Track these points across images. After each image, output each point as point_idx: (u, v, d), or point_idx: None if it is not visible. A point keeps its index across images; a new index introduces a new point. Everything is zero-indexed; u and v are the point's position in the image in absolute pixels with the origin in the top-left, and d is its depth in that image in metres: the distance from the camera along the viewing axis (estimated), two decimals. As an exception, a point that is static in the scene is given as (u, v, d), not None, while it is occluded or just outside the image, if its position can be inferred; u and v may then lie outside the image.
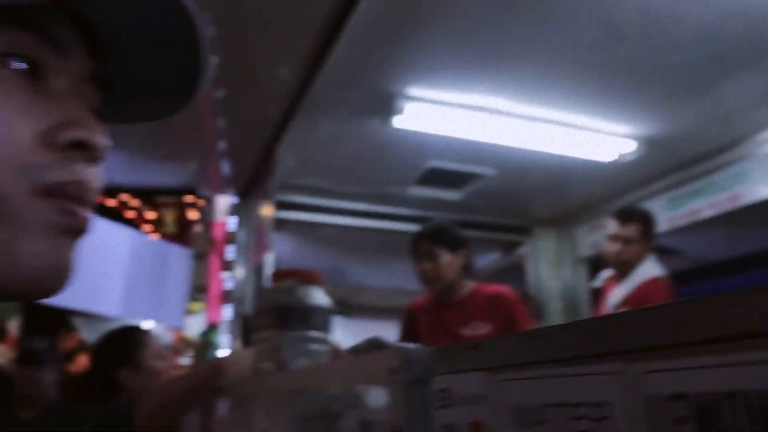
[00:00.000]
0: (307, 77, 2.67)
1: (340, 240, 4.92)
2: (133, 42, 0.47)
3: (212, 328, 2.23)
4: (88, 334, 5.44)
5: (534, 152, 3.36)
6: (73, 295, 2.98)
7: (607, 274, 2.73)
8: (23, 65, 0.40)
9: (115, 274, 3.21)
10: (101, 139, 0.42)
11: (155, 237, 4.22)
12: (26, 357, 2.84)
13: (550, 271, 4.58)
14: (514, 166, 3.64)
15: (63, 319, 4.18)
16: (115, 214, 3.77)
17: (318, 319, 1.30)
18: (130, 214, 4.45)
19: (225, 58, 2.48)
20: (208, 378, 1.32)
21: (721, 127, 3.21)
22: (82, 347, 6.25)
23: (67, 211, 0.40)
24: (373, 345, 0.61)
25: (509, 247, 4.95)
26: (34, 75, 0.41)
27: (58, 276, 0.42)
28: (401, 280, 6.33)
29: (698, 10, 2.28)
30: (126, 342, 1.74)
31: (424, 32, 2.44)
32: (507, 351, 0.43)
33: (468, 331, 2.35)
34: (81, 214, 0.41)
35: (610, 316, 0.35)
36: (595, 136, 3.20)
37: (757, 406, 0.27)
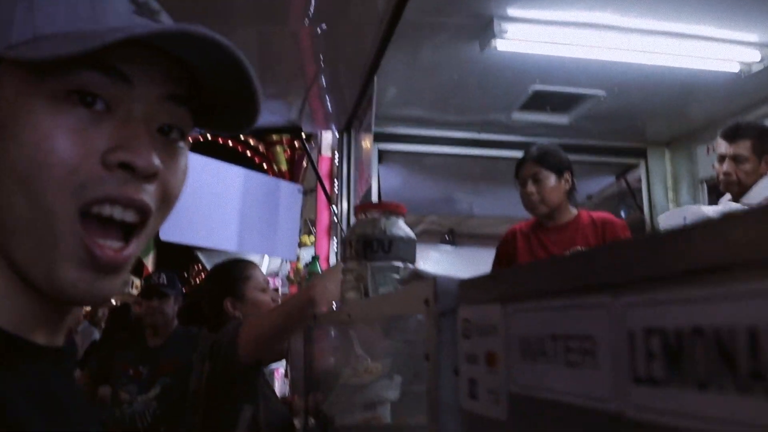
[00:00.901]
0: (401, 5, 2.61)
1: (445, 169, 4.90)
2: (205, 70, 0.55)
3: (315, 259, 2.35)
4: (211, 265, 5.95)
5: (646, 68, 3.09)
6: (194, 233, 3.25)
7: (727, 198, 2.54)
8: (88, 99, 0.48)
9: (230, 212, 3.43)
10: (144, 161, 0.48)
11: (268, 174, 4.43)
12: (150, 291, 3.12)
13: (668, 193, 4.30)
14: (625, 84, 3.39)
15: (191, 254, 4.59)
16: (233, 154, 3.99)
17: (400, 249, 1.33)
18: (247, 153, 4.69)
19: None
20: (300, 308, 1.43)
21: None
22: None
23: (94, 249, 0.47)
24: (415, 276, 0.62)
25: (623, 171, 4.68)
26: (98, 105, 0.48)
27: (91, 300, 0.49)
28: (508, 207, 6.24)
29: None
30: (230, 275, 1.86)
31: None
32: (517, 283, 0.42)
33: None
34: (107, 251, 0.48)
35: (603, 248, 0.34)
36: (714, 46, 2.86)
37: (721, 342, 0.25)
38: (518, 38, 2.82)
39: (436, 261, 6.93)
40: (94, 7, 0.48)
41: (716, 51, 2.90)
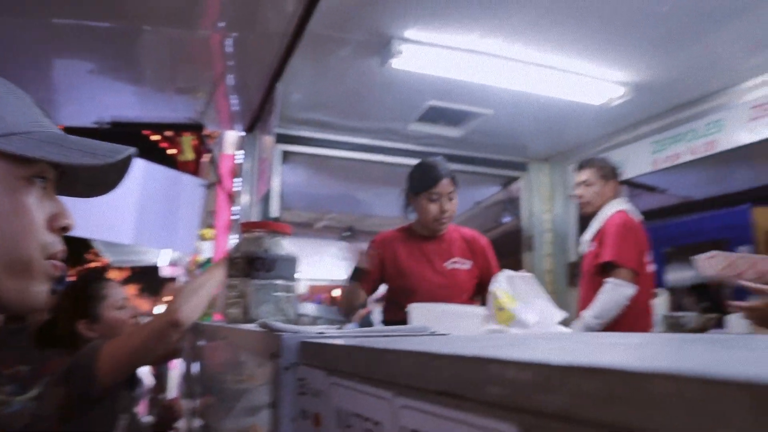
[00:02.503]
0: (307, 17, 2.63)
1: (347, 171, 4.95)
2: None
3: (208, 261, 2.31)
4: (112, 257, 5.69)
5: (530, 94, 3.31)
6: (90, 225, 3.08)
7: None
8: (42, 181, 0.67)
9: (128, 204, 3.29)
10: (73, 222, 0.70)
11: (176, 161, 4.27)
12: None
13: (543, 205, 4.60)
14: (510, 106, 3.59)
15: (88, 246, 4.36)
16: (139, 139, 3.81)
17: (282, 268, 1.36)
18: (150, 146, 4.49)
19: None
20: (163, 330, 1.37)
21: (703, 76, 3.14)
22: (108, 267, 6.49)
23: (57, 268, 0.68)
24: (264, 326, 0.66)
25: (507, 182, 4.94)
26: (44, 184, 0.67)
27: (44, 302, 0.68)
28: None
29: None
30: (84, 295, 1.72)
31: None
32: (338, 359, 0.47)
33: (451, 265, 2.40)
34: (61, 268, 0.69)
35: (390, 352, 0.39)
36: (586, 81, 3.13)
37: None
38: (414, 58, 2.91)
39: (335, 256, 6.99)
40: (33, 112, 0.68)
41: (587, 84, 3.15)
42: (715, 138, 3.25)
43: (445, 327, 1.68)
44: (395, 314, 2.32)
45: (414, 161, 4.28)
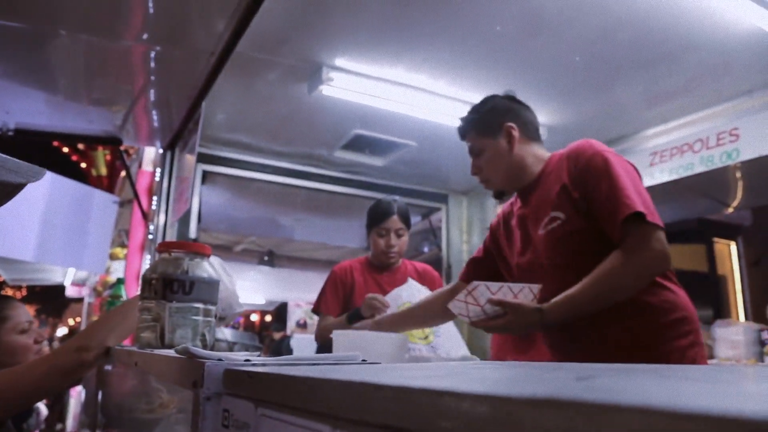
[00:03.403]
0: (235, 38, 2.58)
1: (269, 195, 4.87)
2: None
3: (119, 282, 2.18)
4: (6, 274, 5.24)
5: (451, 127, 3.38)
6: (-16, 238, 2.83)
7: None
8: None
9: (31, 218, 3.06)
10: None
11: (87, 175, 4.02)
12: None
13: (462, 235, 4.71)
14: (433, 138, 3.67)
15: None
16: (41, 158, 3.55)
17: (202, 291, 1.29)
18: (59, 158, 4.21)
19: (158, 9, 2.37)
20: (67, 364, 1.24)
21: (611, 122, 3.38)
22: (2, 285, 5.98)
23: None
24: (185, 353, 0.61)
25: (428, 212, 5.03)
26: None
27: None
28: (326, 235, 6.37)
29: (595, 13, 2.35)
30: None
31: (351, 5, 2.38)
32: (269, 388, 0.44)
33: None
34: None
35: (329, 383, 0.37)
36: (505, 120, 3.27)
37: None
38: (343, 87, 2.92)
39: (254, 280, 6.81)
40: None
41: (506, 123, 3.28)
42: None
43: (365, 350, 1.66)
44: None
45: (337, 188, 4.34)
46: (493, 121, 1.71)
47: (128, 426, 1.56)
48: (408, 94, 3.07)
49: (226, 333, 2.51)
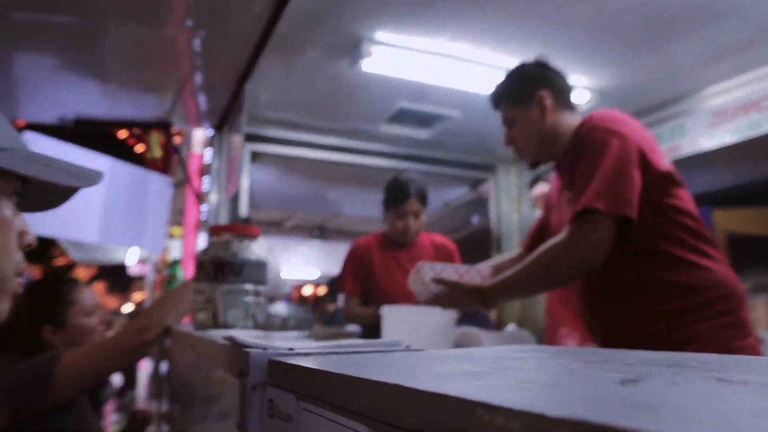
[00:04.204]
0: (275, 18, 2.58)
1: (317, 171, 4.90)
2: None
3: (175, 263, 2.25)
4: (78, 254, 5.51)
5: (497, 97, 3.31)
6: (54, 224, 2.97)
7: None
8: (16, 197, 0.66)
9: (94, 202, 3.19)
10: (35, 239, 0.70)
11: (143, 158, 4.15)
12: None
13: (511, 205, 4.63)
14: (479, 108, 3.58)
15: (52, 243, 4.22)
16: (101, 144, 3.70)
17: (251, 272, 1.32)
18: (117, 143, 4.36)
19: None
20: (130, 344, 1.30)
21: (666, 82, 3.20)
22: (73, 265, 6.31)
23: (21, 285, 0.68)
24: (231, 341, 0.62)
25: (476, 183, 4.96)
26: (17, 200, 0.66)
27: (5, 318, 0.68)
28: (374, 209, 6.39)
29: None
30: (52, 299, 1.59)
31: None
32: (310, 384, 0.44)
33: None
34: (21, 285, 0.68)
35: (366, 383, 0.36)
36: (553, 86, 3.15)
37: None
38: (384, 60, 2.88)
39: (306, 254, 6.93)
40: (11, 128, 0.66)
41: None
42: (679, 143, 3.31)
43: (414, 327, 1.67)
44: None
45: (383, 162, 4.32)
46: (523, 91, 1.62)
47: (190, 398, 1.63)
48: (451, 65, 3.00)
49: (279, 308, 2.57)
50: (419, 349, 0.63)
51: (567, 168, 1.52)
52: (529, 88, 1.61)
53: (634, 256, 1.39)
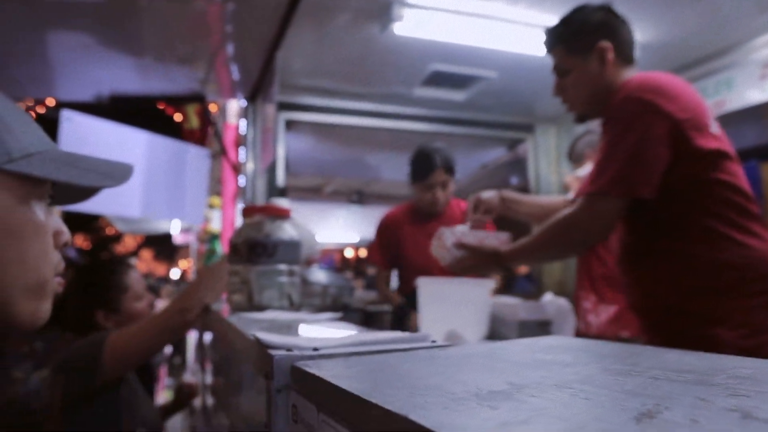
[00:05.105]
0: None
1: (352, 137, 4.88)
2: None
3: (215, 238, 2.30)
4: (124, 226, 5.73)
5: (533, 56, 3.20)
6: (97, 201, 3.07)
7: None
8: (49, 199, 0.67)
9: (134, 177, 3.27)
10: (70, 238, 0.70)
11: (181, 128, 4.22)
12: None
13: (551, 166, 4.53)
14: (515, 68, 3.49)
15: (97, 216, 4.38)
16: (139, 118, 3.77)
17: (285, 252, 1.33)
18: (155, 114, 4.43)
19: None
20: (171, 324, 1.34)
21: (711, 34, 3.02)
22: (121, 235, 6.53)
23: (61, 285, 0.73)
24: (257, 340, 0.63)
25: (513, 144, 4.86)
26: (49, 202, 0.68)
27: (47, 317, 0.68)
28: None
29: None
30: (106, 285, 1.63)
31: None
32: (326, 394, 0.44)
33: None
34: (60, 284, 0.70)
35: (377, 409, 0.36)
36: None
37: None
38: (415, 23, 2.81)
39: (345, 219, 6.99)
40: (39, 130, 0.66)
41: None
42: (725, 97, 3.15)
43: (449, 299, 1.67)
44: (407, 285, 2.49)
45: (419, 125, 4.27)
46: (585, 38, 1.48)
47: (232, 372, 1.68)
48: (484, 25, 2.90)
49: (319, 275, 2.62)
50: (446, 344, 0.63)
51: None
52: (590, 37, 1.47)
53: (671, 230, 1.34)
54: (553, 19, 2.51)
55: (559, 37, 1.54)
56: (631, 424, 0.28)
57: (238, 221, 3.93)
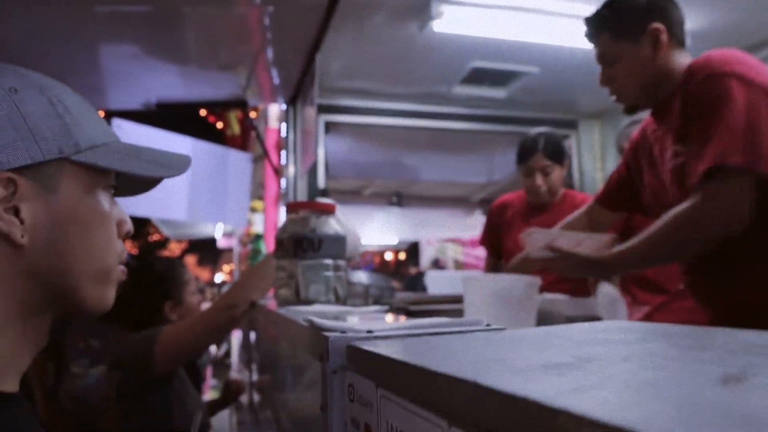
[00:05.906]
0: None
1: (391, 137, 4.89)
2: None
3: (259, 238, 2.33)
4: (169, 231, 5.89)
5: (575, 49, 3.14)
6: (146, 205, 3.17)
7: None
8: (113, 190, 0.69)
9: (180, 182, 3.36)
10: (132, 227, 0.73)
11: (224, 134, 4.30)
12: None
13: (595, 162, 4.43)
14: (557, 63, 3.43)
15: (145, 221, 4.52)
16: (183, 125, 3.86)
17: (330, 247, 1.34)
18: (198, 121, 4.54)
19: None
20: (220, 320, 1.37)
21: (764, 19, 2.89)
22: (166, 240, 6.71)
23: (124, 273, 0.71)
24: (310, 323, 0.64)
25: (556, 140, 4.78)
26: (113, 192, 0.70)
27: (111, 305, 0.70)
28: (452, 173, 6.32)
29: None
30: (172, 279, 1.74)
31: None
32: (385, 369, 0.44)
33: None
34: (124, 273, 0.71)
35: (445, 378, 0.35)
36: (638, 32, 2.94)
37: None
38: (454, 19, 2.80)
39: (385, 221, 7.00)
40: (103, 122, 0.68)
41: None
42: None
43: (495, 296, 1.64)
44: None
45: (459, 125, 4.24)
46: (634, 21, 1.38)
47: (278, 369, 1.70)
48: (525, 18, 2.87)
49: (361, 276, 2.63)
50: (499, 328, 0.62)
51: (675, 117, 1.32)
52: (641, 19, 1.37)
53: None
54: (592, 9, 2.46)
55: (605, 23, 1.44)
56: (719, 389, 0.27)
57: (281, 223, 3.98)
